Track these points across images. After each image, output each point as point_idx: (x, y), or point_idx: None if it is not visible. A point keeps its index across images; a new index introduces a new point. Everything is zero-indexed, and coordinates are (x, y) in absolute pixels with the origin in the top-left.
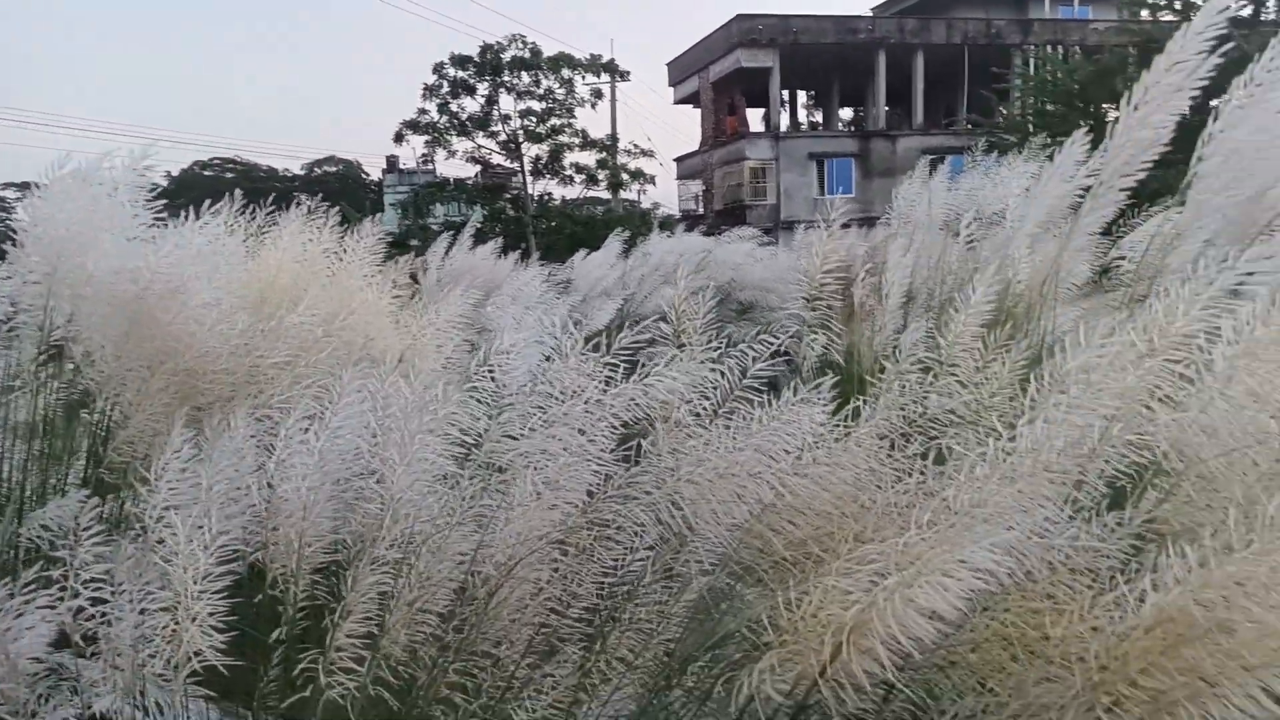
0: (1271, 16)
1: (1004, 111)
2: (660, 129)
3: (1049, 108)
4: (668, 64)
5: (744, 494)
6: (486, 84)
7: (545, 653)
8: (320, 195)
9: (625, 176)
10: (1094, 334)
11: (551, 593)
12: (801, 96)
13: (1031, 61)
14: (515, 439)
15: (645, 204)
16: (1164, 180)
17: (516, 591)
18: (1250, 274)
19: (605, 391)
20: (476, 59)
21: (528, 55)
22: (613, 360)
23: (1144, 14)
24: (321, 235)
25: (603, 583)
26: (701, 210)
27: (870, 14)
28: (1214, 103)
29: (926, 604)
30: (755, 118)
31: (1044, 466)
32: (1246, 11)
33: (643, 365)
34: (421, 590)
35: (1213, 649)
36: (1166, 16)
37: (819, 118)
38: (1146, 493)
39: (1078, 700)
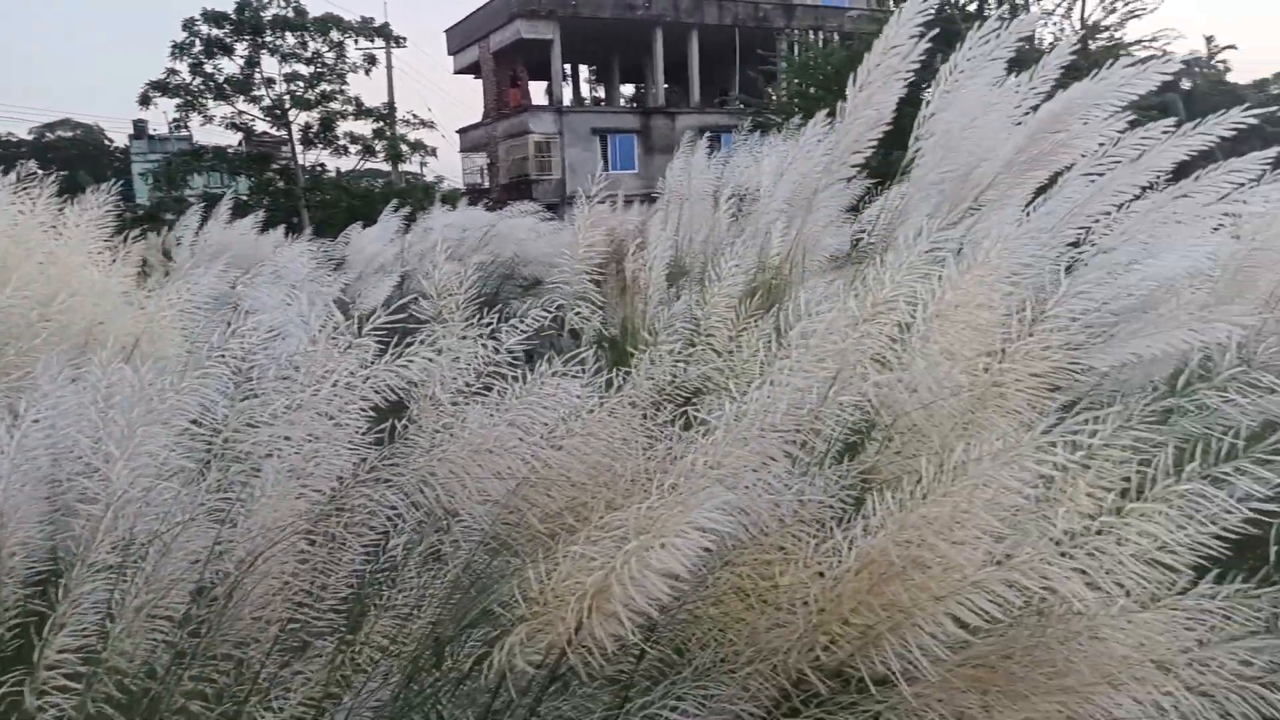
0: (992, 11)
1: (772, 92)
2: (442, 99)
3: (811, 91)
4: (446, 31)
5: (499, 470)
6: (246, 44)
7: (295, 649)
8: (53, 163)
9: (404, 148)
10: (815, 303)
11: (300, 586)
12: (584, 71)
13: (795, 46)
14: (257, 426)
15: (429, 177)
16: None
17: (259, 587)
18: (963, 242)
19: (355, 373)
20: (233, 16)
21: (291, 15)
22: (367, 340)
23: (891, 2)
24: (37, 206)
25: (360, 571)
26: (487, 184)
27: None
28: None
29: (661, 565)
30: (539, 90)
31: (771, 427)
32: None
33: (406, 344)
34: (150, 594)
35: (909, 584)
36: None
37: (602, 93)
38: (867, 446)
39: (801, 642)
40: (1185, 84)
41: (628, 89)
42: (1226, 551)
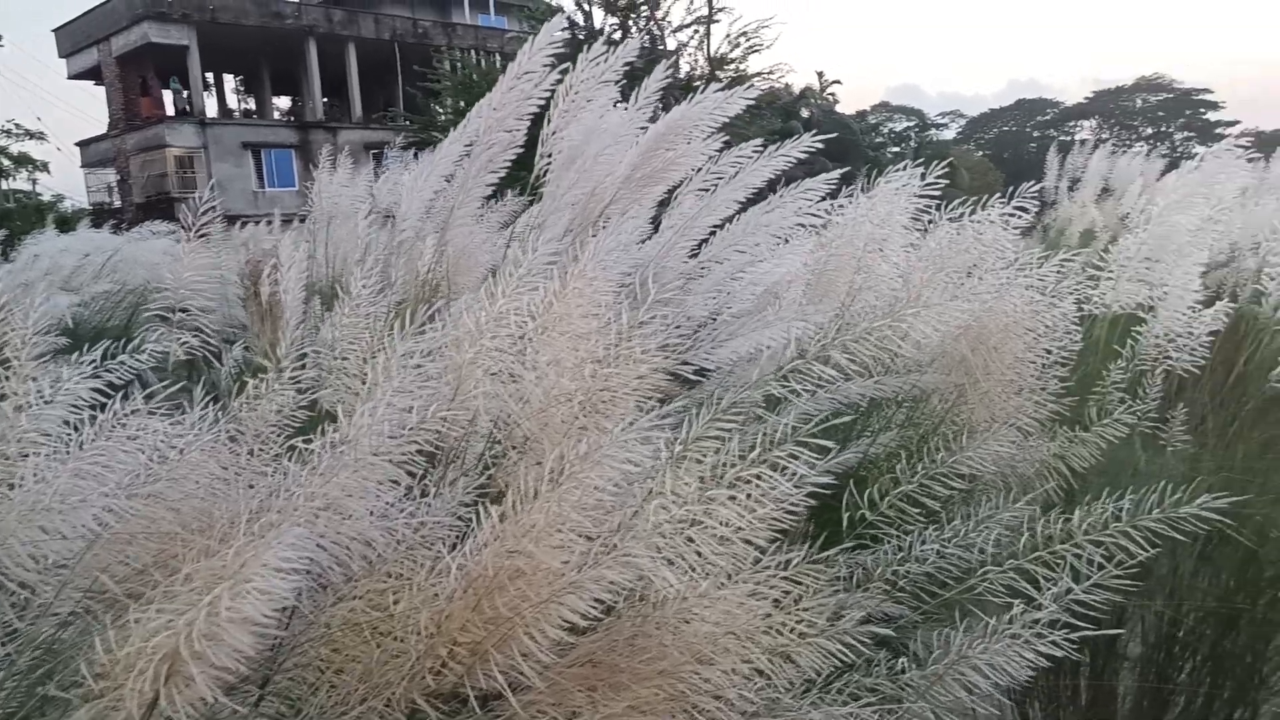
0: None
1: (439, 109)
2: (60, 108)
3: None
4: (55, 31)
5: (64, 529)
6: None
7: None
8: None
9: (6, 162)
10: (421, 320)
11: None
12: (231, 81)
13: (458, 64)
14: None
15: (46, 195)
16: None
17: None
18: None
19: None
20: None
21: None
22: None
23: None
24: None
25: None
26: (118, 203)
27: (296, 0)
28: None
29: (238, 615)
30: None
31: (376, 450)
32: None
33: None
34: None
35: (511, 596)
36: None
37: (253, 105)
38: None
39: (414, 670)
40: (805, 113)
41: (283, 102)
42: (797, 524)
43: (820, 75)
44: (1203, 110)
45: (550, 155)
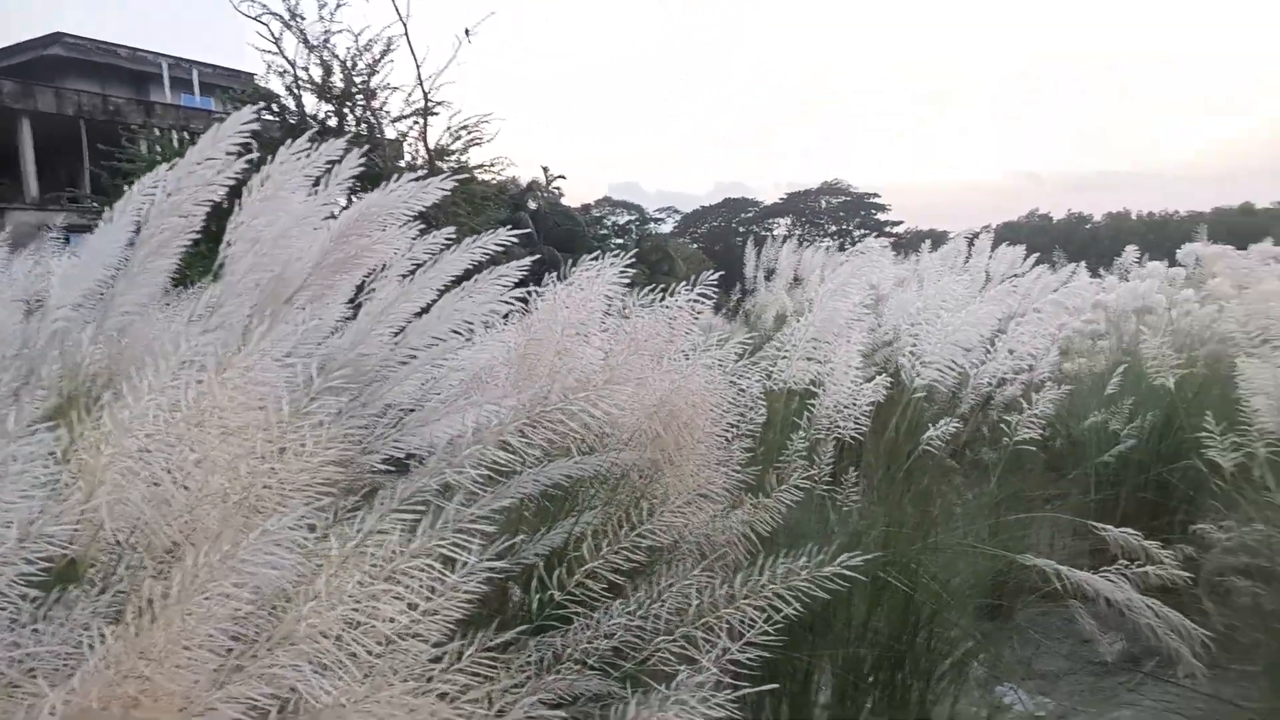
0: (351, 129)
1: (128, 189)
2: None
3: None
4: None
5: None
6: None
7: None
8: None
9: None
10: (30, 418)
11: None
12: None
13: (156, 144)
14: None
15: None
16: None
17: None
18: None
19: None
20: None
21: None
22: None
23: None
24: None
25: None
26: None
27: None
28: None
29: None
30: None
31: None
32: (333, 122)
33: None
34: None
35: None
36: (265, 116)
37: None
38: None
39: None
40: (532, 204)
41: None
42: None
43: (546, 170)
44: (874, 211)
45: (236, 241)
